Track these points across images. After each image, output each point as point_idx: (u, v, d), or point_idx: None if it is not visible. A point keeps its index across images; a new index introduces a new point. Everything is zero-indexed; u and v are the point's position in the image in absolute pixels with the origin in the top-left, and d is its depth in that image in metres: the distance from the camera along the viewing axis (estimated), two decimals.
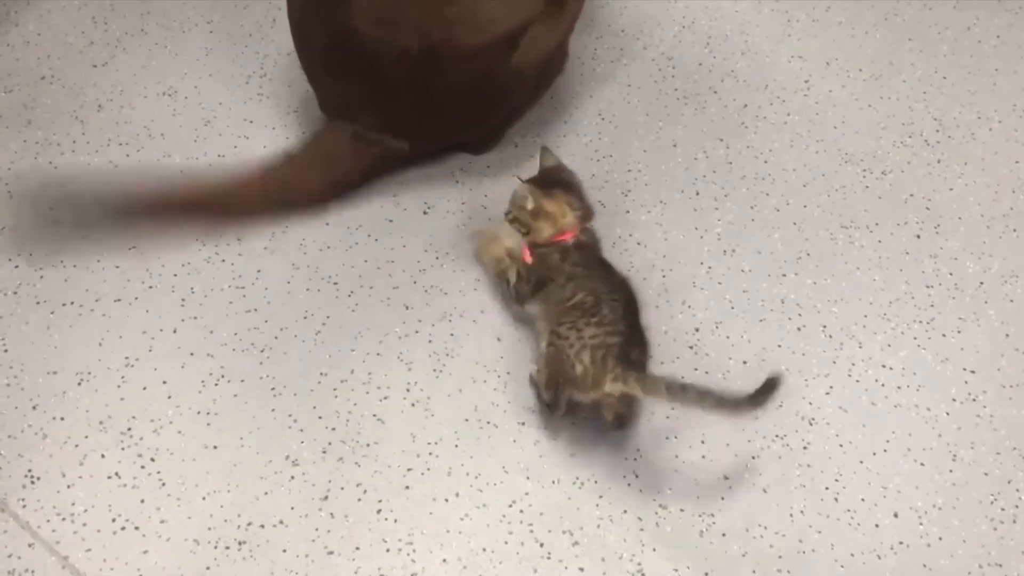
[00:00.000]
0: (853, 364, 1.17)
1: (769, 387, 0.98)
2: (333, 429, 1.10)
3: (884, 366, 1.17)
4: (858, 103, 1.44)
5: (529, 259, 1.13)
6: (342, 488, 1.06)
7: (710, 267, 1.26)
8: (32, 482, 1.04)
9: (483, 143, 1.34)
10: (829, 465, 1.09)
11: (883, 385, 1.16)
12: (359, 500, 1.05)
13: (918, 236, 1.29)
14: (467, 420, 1.11)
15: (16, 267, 1.21)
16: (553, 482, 1.07)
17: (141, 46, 1.44)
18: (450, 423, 1.11)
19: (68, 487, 1.04)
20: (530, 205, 1.11)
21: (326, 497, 1.05)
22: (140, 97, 1.38)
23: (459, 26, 1.14)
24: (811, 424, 1.12)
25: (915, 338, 1.20)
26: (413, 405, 1.12)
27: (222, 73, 1.41)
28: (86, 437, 1.08)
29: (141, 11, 1.48)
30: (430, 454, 1.09)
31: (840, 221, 1.31)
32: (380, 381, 1.14)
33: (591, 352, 1.02)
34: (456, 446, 1.09)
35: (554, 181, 1.15)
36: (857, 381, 1.16)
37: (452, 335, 1.18)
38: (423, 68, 1.15)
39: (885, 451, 1.11)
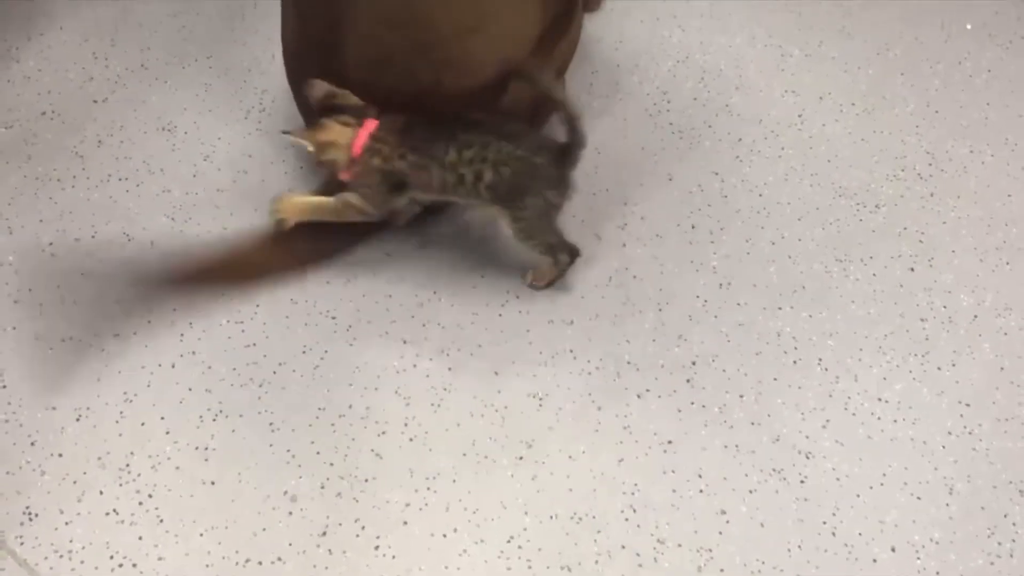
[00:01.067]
0: (849, 397, 1.18)
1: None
2: (331, 464, 1.10)
3: (880, 399, 1.18)
4: (851, 137, 1.46)
5: (350, 176, 1.17)
6: (340, 524, 1.06)
7: (706, 300, 1.26)
8: (30, 519, 1.04)
9: None
10: (826, 499, 1.10)
11: (879, 418, 1.16)
12: (357, 536, 1.05)
13: (912, 269, 1.30)
14: (465, 455, 1.12)
15: (16, 302, 1.21)
16: (551, 517, 1.07)
17: (141, 82, 1.46)
18: (448, 458, 1.11)
19: (66, 524, 1.04)
20: (311, 147, 1.16)
21: (324, 533, 1.05)
22: (140, 132, 1.39)
23: (448, 70, 1.15)
24: (808, 458, 1.13)
25: (910, 371, 1.21)
26: (411, 440, 1.13)
27: (221, 108, 1.42)
28: (84, 473, 1.08)
29: (141, 47, 1.50)
30: (428, 489, 1.09)
31: (835, 254, 1.32)
32: (378, 416, 1.14)
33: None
34: (454, 481, 1.10)
35: (321, 111, 1.17)
36: (853, 414, 1.16)
37: (450, 369, 1.18)
38: (412, 111, 1.17)
39: (882, 484, 1.11)
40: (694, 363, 1.20)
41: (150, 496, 1.06)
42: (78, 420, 1.12)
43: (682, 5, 1.62)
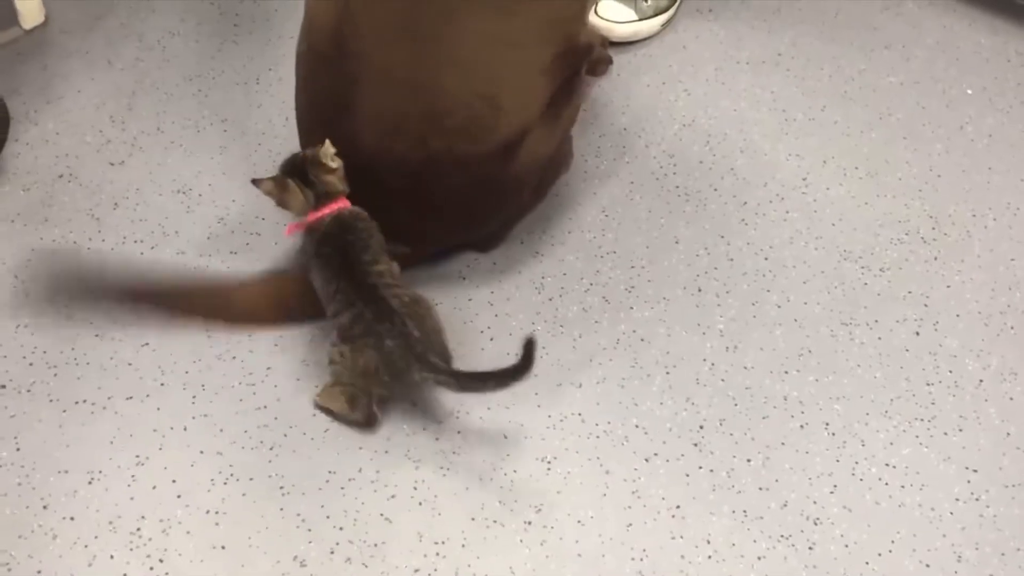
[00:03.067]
0: (856, 462, 1.19)
1: (527, 352, 1.08)
2: (341, 529, 1.11)
3: (887, 464, 1.19)
4: (855, 200, 1.48)
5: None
6: None
7: (713, 364, 1.28)
8: None
9: (488, 242, 1.37)
10: (835, 567, 1.10)
11: (886, 484, 1.17)
12: None
13: (917, 333, 1.32)
14: (474, 519, 1.12)
15: (30, 364, 1.23)
16: None
17: (157, 144, 1.49)
18: (457, 522, 1.12)
19: None
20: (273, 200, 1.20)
21: None
22: (155, 195, 1.42)
23: (460, 136, 1.18)
24: (816, 524, 1.13)
25: (917, 436, 1.21)
26: (420, 504, 1.13)
27: (235, 171, 1.45)
28: (96, 537, 1.08)
29: (158, 110, 1.53)
30: (437, 554, 1.09)
31: (840, 318, 1.33)
32: (388, 479, 1.15)
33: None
34: (463, 546, 1.10)
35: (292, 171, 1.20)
36: (861, 480, 1.17)
37: (459, 432, 1.19)
38: (423, 177, 1.19)
39: (890, 551, 1.11)
40: (701, 427, 1.21)
41: (161, 561, 1.07)
42: (90, 483, 1.13)
43: (688, 69, 1.65)
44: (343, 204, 1.19)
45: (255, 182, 1.18)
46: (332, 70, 1.19)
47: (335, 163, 1.18)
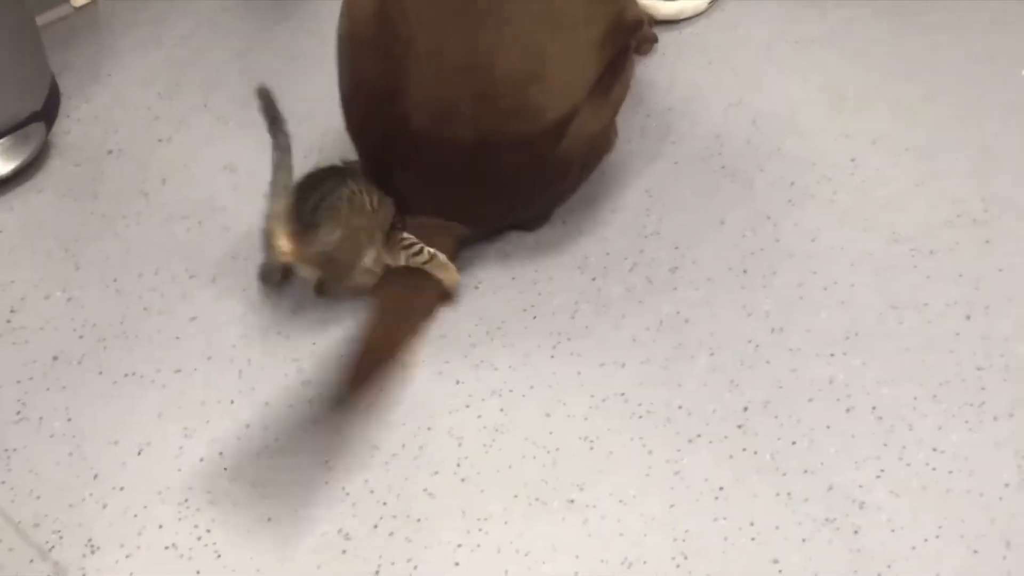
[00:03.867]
0: (904, 447, 1.17)
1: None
2: (384, 503, 1.11)
3: (935, 449, 1.17)
4: (906, 181, 1.45)
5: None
6: (392, 563, 1.07)
7: (758, 345, 1.26)
8: (92, 552, 1.07)
9: (533, 221, 1.36)
10: (880, 551, 1.09)
11: (934, 469, 1.15)
12: None
13: (968, 317, 1.29)
14: (516, 496, 1.12)
15: (81, 337, 1.25)
16: (601, 561, 1.08)
17: (204, 121, 1.50)
18: (500, 499, 1.12)
19: (127, 557, 1.06)
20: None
21: (377, 572, 1.06)
22: (203, 171, 1.43)
23: (510, 117, 1.17)
24: (861, 508, 1.12)
25: (966, 421, 1.19)
26: (463, 480, 1.14)
27: None
28: (145, 507, 1.10)
29: (205, 88, 1.54)
30: (480, 530, 1.10)
31: (889, 301, 1.31)
32: (431, 456, 1.16)
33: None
34: (506, 523, 1.10)
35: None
36: (908, 465, 1.15)
37: (502, 410, 1.19)
38: (476, 158, 1.19)
39: (937, 537, 1.10)
40: (746, 409, 1.20)
41: (208, 531, 1.09)
42: (139, 455, 1.14)
43: (735, 48, 1.63)
44: None
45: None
46: (379, 55, 1.19)
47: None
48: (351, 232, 1.18)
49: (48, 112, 1.45)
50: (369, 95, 1.23)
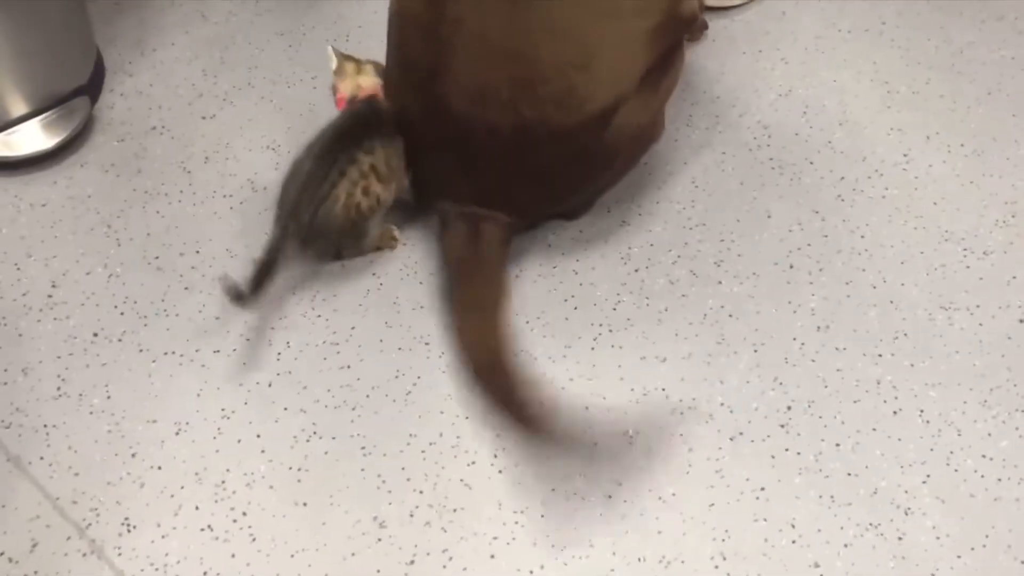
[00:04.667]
0: (951, 452, 1.14)
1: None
2: (421, 492, 1.11)
3: (984, 456, 1.14)
4: (959, 179, 1.42)
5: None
6: (428, 553, 1.06)
7: (803, 343, 1.24)
8: (128, 530, 1.07)
9: (576, 210, 1.34)
10: (925, 558, 1.06)
11: (983, 476, 1.13)
12: (444, 567, 1.05)
13: (1021, 321, 1.26)
14: (554, 490, 1.11)
15: (122, 314, 1.25)
16: (639, 559, 1.06)
17: (248, 100, 1.49)
18: (537, 492, 1.11)
19: (163, 537, 1.06)
20: (334, 74, 1.31)
21: (412, 562, 1.06)
22: (245, 150, 1.42)
23: (552, 105, 1.15)
24: (907, 514, 1.09)
25: (1017, 428, 1.17)
26: (500, 472, 1.13)
27: None
28: (182, 488, 1.10)
29: (249, 65, 1.53)
30: (516, 523, 1.09)
31: (939, 301, 1.28)
32: (468, 445, 1.14)
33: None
34: (542, 516, 1.09)
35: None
36: (956, 471, 1.13)
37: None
38: (515, 145, 1.17)
39: (984, 546, 1.07)
40: (789, 408, 1.18)
41: (244, 514, 1.08)
42: (177, 434, 1.14)
43: (787, 37, 1.60)
44: (378, 93, 1.27)
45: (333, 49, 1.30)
46: (425, 33, 1.18)
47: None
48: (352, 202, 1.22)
49: (93, 87, 1.45)
50: (411, 74, 1.22)
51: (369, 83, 1.28)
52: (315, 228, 1.20)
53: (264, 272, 1.17)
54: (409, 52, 1.21)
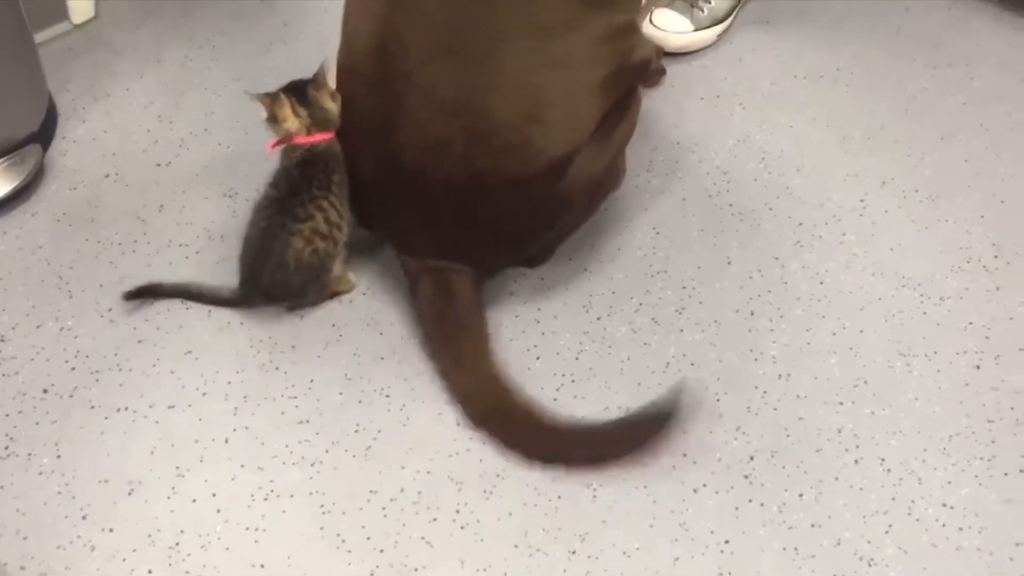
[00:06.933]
0: (913, 501, 1.15)
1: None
2: (381, 551, 1.09)
3: (945, 504, 1.15)
4: (915, 225, 1.43)
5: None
6: None
7: (765, 391, 1.24)
8: None
9: (537, 257, 1.34)
10: None
11: (944, 525, 1.13)
12: None
13: (977, 367, 1.27)
14: (516, 546, 1.10)
15: (73, 369, 1.22)
16: None
17: (204, 146, 1.47)
18: (499, 549, 1.09)
19: None
20: (264, 114, 1.23)
21: None
22: (202, 198, 1.40)
23: (506, 155, 1.15)
24: (871, 565, 1.09)
25: (976, 476, 1.17)
26: (462, 528, 1.11)
27: None
28: (134, 551, 1.07)
29: (206, 111, 1.52)
30: None
31: (898, 348, 1.29)
32: (429, 501, 1.13)
33: None
34: (505, 574, 1.07)
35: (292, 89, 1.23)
36: (917, 520, 1.13)
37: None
38: (470, 196, 1.17)
39: None
40: (752, 458, 1.18)
41: None
42: (130, 494, 1.11)
43: (744, 83, 1.61)
44: (331, 137, 1.23)
45: (248, 93, 1.22)
46: (376, 90, 1.17)
47: (335, 100, 1.22)
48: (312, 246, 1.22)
49: (45, 134, 1.42)
50: (364, 128, 1.21)
51: (297, 126, 1.21)
52: (276, 286, 1.21)
53: (179, 294, 1.26)
54: (360, 109, 1.21)
